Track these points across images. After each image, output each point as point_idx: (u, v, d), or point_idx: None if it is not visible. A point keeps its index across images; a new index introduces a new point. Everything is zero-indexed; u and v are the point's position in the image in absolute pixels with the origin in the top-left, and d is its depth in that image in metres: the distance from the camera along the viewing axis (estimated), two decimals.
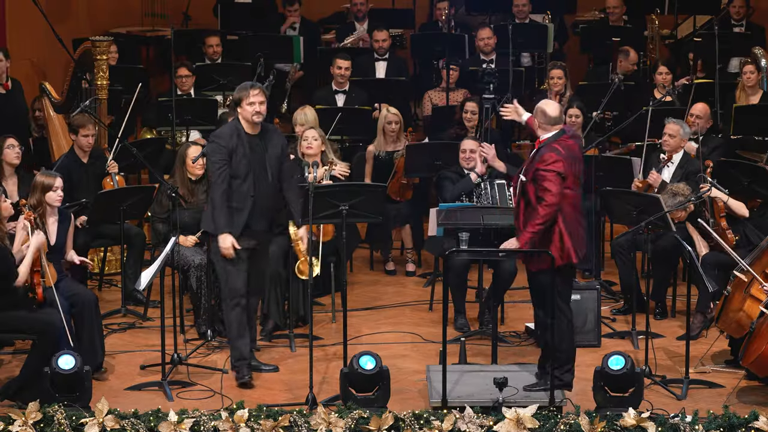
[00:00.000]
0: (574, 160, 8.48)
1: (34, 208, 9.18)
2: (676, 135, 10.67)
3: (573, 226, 8.45)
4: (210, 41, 13.81)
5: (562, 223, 8.42)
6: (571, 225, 8.44)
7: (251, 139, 8.98)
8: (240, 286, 9.01)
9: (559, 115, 8.59)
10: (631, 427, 8.22)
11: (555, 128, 8.58)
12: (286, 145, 9.25)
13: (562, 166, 8.37)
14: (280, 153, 9.08)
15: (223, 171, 8.91)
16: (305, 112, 11.32)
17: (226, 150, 8.93)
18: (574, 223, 8.46)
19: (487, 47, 13.79)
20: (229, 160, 8.90)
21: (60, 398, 8.34)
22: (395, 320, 10.55)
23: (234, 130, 8.98)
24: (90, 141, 10.86)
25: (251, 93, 8.91)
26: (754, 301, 8.97)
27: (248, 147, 8.95)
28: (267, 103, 9.00)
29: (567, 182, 8.41)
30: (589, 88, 13.08)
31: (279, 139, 9.12)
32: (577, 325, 9.80)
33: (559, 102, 12.46)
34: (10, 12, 12.93)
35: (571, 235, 8.42)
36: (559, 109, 8.63)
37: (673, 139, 10.67)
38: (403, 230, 11.76)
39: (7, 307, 8.69)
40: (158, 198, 10.34)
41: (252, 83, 9.08)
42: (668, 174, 10.67)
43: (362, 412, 8.28)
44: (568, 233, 8.42)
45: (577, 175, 8.50)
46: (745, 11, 14.37)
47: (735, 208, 10.21)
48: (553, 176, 8.36)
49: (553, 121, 8.58)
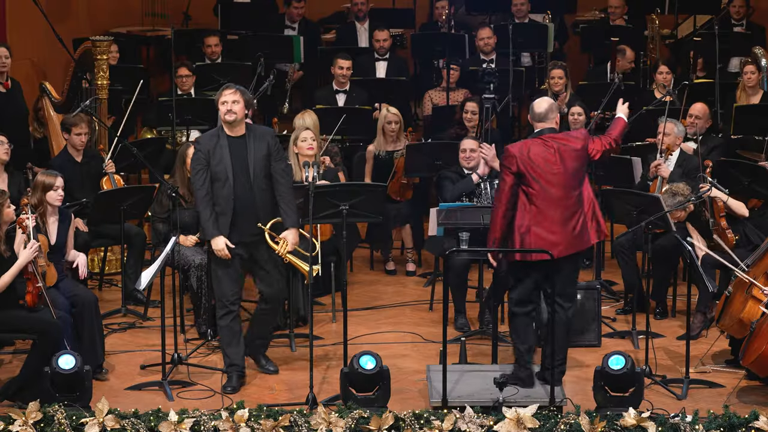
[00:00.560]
0: (536, 160, 8.47)
1: (35, 207, 9.18)
2: (670, 133, 10.67)
3: (529, 225, 8.48)
4: (209, 41, 13.81)
5: (519, 221, 8.49)
6: (526, 223, 8.48)
7: (233, 141, 8.84)
8: (228, 292, 8.96)
9: (545, 113, 8.59)
10: (631, 427, 8.22)
11: (539, 125, 8.60)
12: (276, 146, 8.97)
13: (513, 163, 8.45)
14: (266, 154, 8.86)
15: (201, 175, 8.84)
16: (304, 117, 11.26)
17: (203, 154, 8.86)
18: (534, 223, 8.48)
19: (487, 47, 13.80)
20: (207, 164, 8.84)
21: (60, 398, 8.34)
22: (395, 320, 10.55)
23: (215, 133, 8.91)
24: (83, 139, 10.85)
25: (224, 93, 8.83)
26: (755, 301, 8.97)
27: (228, 149, 8.82)
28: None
29: (525, 180, 8.45)
30: (589, 87, 13.08)
31: (265, 140, 8.89)
32: (577, 324, 9.82)
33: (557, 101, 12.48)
34: (11, 12, 12.93)
35: (527, 234, 8.47)
36: (547, 106, 8.62)
37: (667, 137, 10.67)
38: (403, 230, 11.76)
39: (7, 307, 8.70)
40: (158, 198, 10.34)
41: (227, 83, 8.97)
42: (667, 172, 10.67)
43: (362, 412, 8.28)
44: (519, 232, 8.48)
45: (542, 175, 8.47)
46: (745, 11, 14.38)
47: (735, 207, 10.22)
48: (504, 172, 8.51)
49: (537, 117, 8.61)
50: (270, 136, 8.96)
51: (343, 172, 11.35)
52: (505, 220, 8.52)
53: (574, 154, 8.57)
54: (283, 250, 8.93)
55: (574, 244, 8.55)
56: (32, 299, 8.67)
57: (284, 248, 8.93)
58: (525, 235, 8.50)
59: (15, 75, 12.10)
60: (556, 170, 8.50)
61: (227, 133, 8.86)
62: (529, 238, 8.49)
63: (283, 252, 8.93)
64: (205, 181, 8.85)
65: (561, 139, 8.59)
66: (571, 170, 8.54)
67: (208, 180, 8.85)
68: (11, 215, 8.76)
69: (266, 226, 8.90)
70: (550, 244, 8.46)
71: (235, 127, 8.84)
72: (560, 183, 8.51)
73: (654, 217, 9.63)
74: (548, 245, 8.46)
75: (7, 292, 8.65)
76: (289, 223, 8.91)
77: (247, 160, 8.83)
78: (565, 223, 8.51)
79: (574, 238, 8.55)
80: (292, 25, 14.92)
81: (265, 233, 8.90)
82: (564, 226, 8.50)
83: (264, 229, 8.89)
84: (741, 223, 10.23)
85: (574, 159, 8.57)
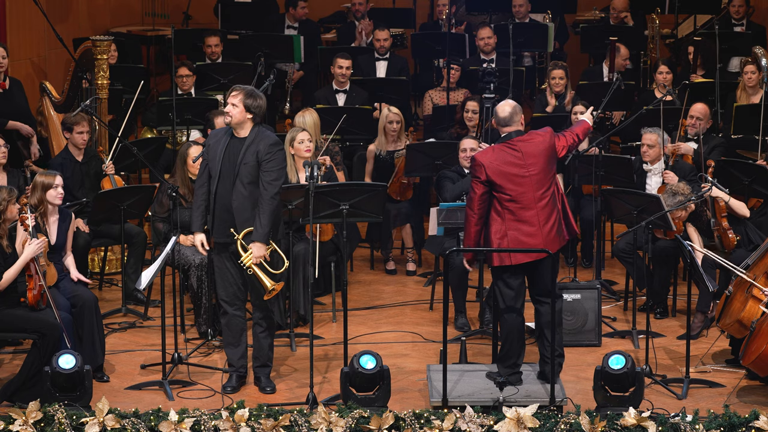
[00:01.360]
0: (505, 166, 8.48)
1: (36, 207, 9.19)
2: (654, 144, 10.68)
3: (506, 230, 8.50)
4: (210, 41, 13.80)
5: (496, 227, 8.52)
6: (503, 228, 8.50)
7: (233, 141, 8.77)
8: (222, 292, 8.94)
9: (509, 116, 8.59)
10: (631, 427, 8.22)
11: (506, 130, 8.60)
12: (267, 155, 8.69)
13: (482, 172, 8.47)
14: (254, 161, 8.67)
15: (201, 168, 8.91)
16: (305, 116, 11.25)
17: (205, 147, 8.94)
18: (510, 227, 8.50)
19: (487, 47, 13.80)
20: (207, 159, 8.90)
21: (60, 397, 8.34)
22: (396, 320, 10.55)
23: (227, 130, 8.86)
24: (85, 138, 10.85)
25: (228, 94, 8.81)
26: (755, 301, 8.97)
27: (225, 149, 8.75)
28: (266, 106, 8.86)
29: (496, 188, 8.48)
30: (589, 87, 13.07)
31: (258, 146, 8.67)
32: (578, 324, 9.83)
33: (555, 101, 12.50)
34: (11, 12, 12.93)
35: (505, 239, 8.50)
36: (511, 110, 8.61)
37: (652, 149, 10.68)
38: (403, 230, 11.76)
39: (9, 306, 8.70)
40: (159, 197, 10.34)
41: (235, 85, 8.89)
42: (657, 181, 10.68)
43: (363, 412, 8.28)
44: (497, 237, 8.51)
45: (513, 180, 8.48)
46: (745, 10, 14.38)
47: (736, 208, 10.22)
48: (473, 182, 8.53)
49: (502, 122, 8.62)
50: (264, 144, 8.70)
51: (342, 172, 11.35)
52: (477, 227, 8.57)
53: (542, 153, 8.58)
54: (247, 261, 8.76)
55: (552, 244, 8.57)
56: (33, 298, 8.68)
57: (248, 260, 8.76)
58: (502, 241, 8.52)
59: (15, 75, 12.10)
60: (525, 173, 8.51)
61: (233, 133, 8.85)
62: (507, 243, 8.51)
63: (246, 263, 8.76)
64: (202, 174, 8.88)
65: (527, 140, 8.60)
66: (541, 170, 8.55)
67: (206, 174, 8.86)
68: (15, 212, 8.77)
69: (240, 235, 8.75)
70: (528, 247, 8.50)
71: (238, 128, 8.78)
72: (531, 185, 8.52)
73: (654, 216, 9.64)
74: (527, 248, 8.50)
75: (8, 290, 8.66)
76: (255, 236, 8.69)
77: (237, 163, 8.73)
78: (542, 225, 8.54)
79: (552, 238, 8.57)
80: (293, 24, 14.92)
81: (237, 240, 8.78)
82: (541, 227, 8.53)
83: (236, 237, 8.76)
84: (742, 224, 10.23)
85: (543, 157, 8.58)
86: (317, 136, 11.08)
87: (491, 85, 11.40)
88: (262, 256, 8.72)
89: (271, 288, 8.72)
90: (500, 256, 8.54)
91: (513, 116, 8.61)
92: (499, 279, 8.67)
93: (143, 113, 13.47)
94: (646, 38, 14.71)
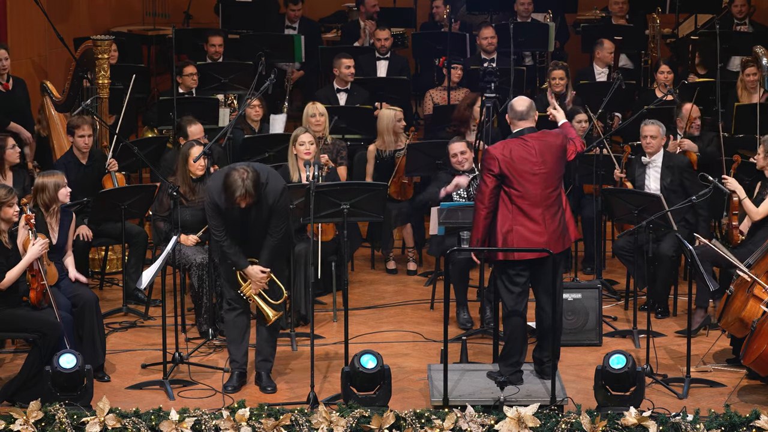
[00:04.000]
0: (518, 160, 8.48)
1: (47, 206, 9.23)
2: (657, 135, 10.67)
3: (511, 225, 8.49)
4: (213, 40, 13.81)
5: (501, 221, 8.51)
6: (508, 223, 8.50)
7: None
8: (228, 293, 8.98)
9: (526, 111, 8.60)
10: (632, 426, 8.22)
11: (520, 124, 8.61)
12: (276, 204, 8.76)
13: (495, 165, 8.45)
14: (267, 213, 8.77)
15: (219, 224, 8.94)
16: (316, 105, 11.37)
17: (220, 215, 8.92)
18: (516, 222, 8.50)
19: (490, 46, 13.80)
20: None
21: (61, 397, 8.34)
22: (396, 319, 10.56)
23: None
24: (86, 141, 10.83)
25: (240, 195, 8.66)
26: (756, 300, 8.97)
27: (239, 214, 8.80)
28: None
29: (507, 181, 8.47)
30: (589, 87, 13.08)
31: (267, 200, 8.71)
32: (579, 324, 9.83)
33: (559, 102, 12.47)
34: (12, 11, 12.95)
35: (510, 233, 8.49)
36: (528, 104, 8.63)
37: (655, 140, 10.67)
38: (404, 229, 11.76)
39: (11, 305, 8.71)
40: (159, 197, 10.34)
41: (235, 165, 8.76)
42: (655, 175, 10.66)
43: (363, 411, 8.29)
44: (502, 232, 8.50)
45: (524, 175, 8.48)
46: (746, 9, 14.38)
47: (747, 208, 10.10)
48: (485, 174, 8.50)
49: (518, 115, 8.62)
50: (273, 197, 8.72)
51: (345, 166, 11.35)
52: (487, 221, 8.55)
53: (554, 153, 8.59)
54: (247, 291, 8.88)
55: (556, 243, 8.56)
56: (36, 296, 8.69)
57: (248, 290, 8.88)
58: (508, 235, 8.51)
59: (16, 74, 12.10)
60: (537, 170, 8.51)
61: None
62: (512, 237, 8.51)
63: (246, 293, 8.88)
64: (220, 225, 8.82)
65: (540, 138, 8.61)
66: (552, 169, 8.56)
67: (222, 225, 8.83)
68: (10, 214, 8.77)
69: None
70: (533, 244, 8.50)
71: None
72: (541, 182, 8.52)
73: (654, 216, 9.63)
74: (531, 245, 8.50)
75: (9, 290, 8.66)
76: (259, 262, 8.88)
77: (248, 224, 8.79)
78: (548, 223, 8.53)
79: (557, 238, 8.57)
80: (293, 24, 14.93)
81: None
82: (546, 225, 8.53)
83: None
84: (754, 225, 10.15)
85: (555, 157, 8.59)
86: (325, 122, 11.24)
87: (492, 85, 11.39)
88: (262, 287, 8.83)
89: (273, 316, 8.84)
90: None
91: (529, 111, 8.63)
92: (503, 275, 8.67)
93: (144, 113, 13.47)
94: (647, 38, 14.72)
